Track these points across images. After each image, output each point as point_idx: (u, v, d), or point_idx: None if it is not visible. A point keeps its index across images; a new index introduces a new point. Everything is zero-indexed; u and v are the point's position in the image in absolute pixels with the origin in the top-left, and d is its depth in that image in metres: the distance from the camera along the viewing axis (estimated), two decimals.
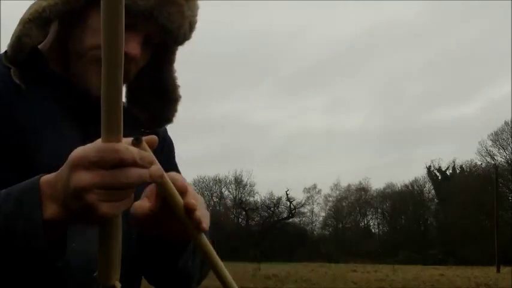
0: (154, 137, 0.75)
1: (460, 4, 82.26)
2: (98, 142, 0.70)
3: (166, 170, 0.86)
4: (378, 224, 59.33)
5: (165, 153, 1.21)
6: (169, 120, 1.19)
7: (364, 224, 59.69)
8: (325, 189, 74.41)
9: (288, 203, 54.50)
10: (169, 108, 1.18)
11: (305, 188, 58.82)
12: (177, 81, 1.18)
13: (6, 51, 1.02)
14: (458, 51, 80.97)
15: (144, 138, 0.72)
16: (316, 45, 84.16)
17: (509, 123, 46.84)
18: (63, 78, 1.04)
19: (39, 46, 1.05)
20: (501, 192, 43.34)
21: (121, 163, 0.68)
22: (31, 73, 1.02)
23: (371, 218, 59.23)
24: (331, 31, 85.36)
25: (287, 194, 53.80)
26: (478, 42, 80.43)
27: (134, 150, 0.70)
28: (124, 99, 1.18)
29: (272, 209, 53.92)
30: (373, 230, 59.36)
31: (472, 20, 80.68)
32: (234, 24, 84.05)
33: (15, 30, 1.00)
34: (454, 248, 45.53)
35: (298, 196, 63.10)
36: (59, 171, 0.74)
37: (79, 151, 0.70)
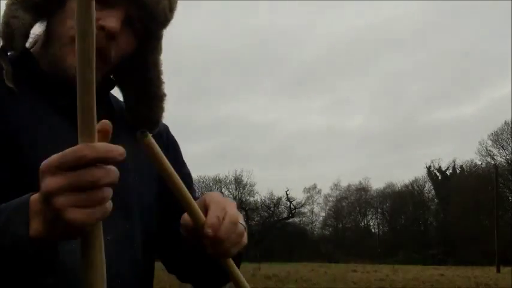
0: (106, 125, 0.69)
1: (460, 5, 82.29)
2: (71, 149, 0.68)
3: (176, 170, 0.89)
4: (378, 224, 59.40)
5: (171, 153, 1.18)
6: (154, 122, 1.12)
7: (364, 224, 59.72)
8: (325, 189, 74.47)
9: (288, 203, 54.52)
10: (153, 107, 1.12)
11: (305, 188, 58.85)
12: (162, 76, 1.12)
13: None
14: (459, 51, 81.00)
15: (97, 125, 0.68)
16: (317, 45, 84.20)
17: (509, 123, 46.90)
18: (54, 78, 1.01)
19: (31, 50, 1.04)
20: (501, 192, 43.35)
21: (81, 161, 0.66)
22: (23, 73, 1.00)
23: (371, 218, 59.31)
24: (332, 31, 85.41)
25: (287, 194, 53.85)
26: (478, 42, 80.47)
27: (100, 146, 0.67)
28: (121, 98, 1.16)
29: (272, 209, 53.92)
30: (373, 230, 59.41)
31: (473, 21, 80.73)
32: (236, 24, 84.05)
33: (1, 16, 0.99)
34: (454, 248, 45.54)
35: (298, 196, 63.13)
36: None
37: (46, 160, 0.69)
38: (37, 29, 1.05)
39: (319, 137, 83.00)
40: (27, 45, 1.05)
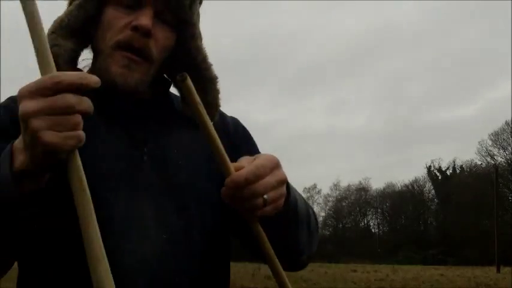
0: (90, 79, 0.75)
1: (461, 6, 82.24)
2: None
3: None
4: (378, 224, 59.40)
5: (243, 141, 1.20)
6: (214, 105, 1.13)
7: (364, 224, 59.73)
8: (325, 189, 74.40)
9: None
10: (211, 90, 1.13)
11: (305, 188, 58.86)
12: (208, 59, 1.14)
13: None
14: (460, 52, 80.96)
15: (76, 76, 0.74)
16: (319, 46, 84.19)
17: (510, 123, 46.90)
18: (104, 89, 1.02)
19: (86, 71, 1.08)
20: (501, 192, 43.36)
21: (58, 85, 0.72)
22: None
23: (371, 218, 59.32)
24: (334, 32, 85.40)
25: None
26: (479, 43, 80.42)
27: (75, 74, 0.74)
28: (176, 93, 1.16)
29: None
30: (373, 230, 59.40)
31: (473, 21, 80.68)
32: (238, 25, 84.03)
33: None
34: (454, 248, 45.53)
35: None
36: None
37: (22, 87, 0.74)
38: (87, 54, 1.09)
39: (320, 138, 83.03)
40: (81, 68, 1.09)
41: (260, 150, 1.23)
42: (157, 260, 0.96)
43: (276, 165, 0.91)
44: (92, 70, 1.07)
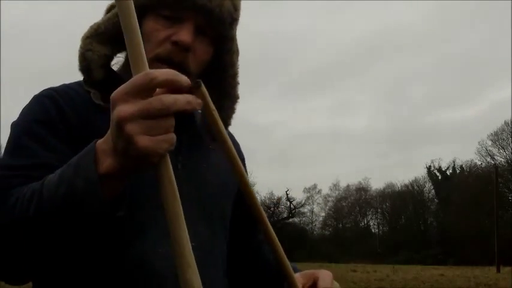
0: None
1: (463, 9, 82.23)
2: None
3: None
4: (378, 224, 59.38)
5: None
6: (225, 121, 1.11)
7: (364, 224, 59.71)
8: (325, 189, 74.42)
9: (288, 203, 54.51)
10: (227, 108, 1.13)
11: (305, 188, 58.81)
12: (237, 77, 1.14)
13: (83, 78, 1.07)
14: (462, 54, 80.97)
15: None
16: (322, 48, 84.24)
17: (509, 123, 46.89)
18: None
19: (117, 70, 1.10)
20: (501, 192, 43.35)
21: (151, 83, 0.69)
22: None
23: (371, 218, 59.29)
24: (338, 34, 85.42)
25: (287, 194, 53.85)
26: (482, 45, 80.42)
27: (168, 70, 0.72)
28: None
29: (272, 209, 53.85)
30: (373, 230, 59.38)
31: (474, 23, 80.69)
32: (241, 26, 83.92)
33: (78, 50, 1.06)
34: (454, 248, 45.52)
35: (298, 196, 63.11)
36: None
37: (115, 92, 0.72)
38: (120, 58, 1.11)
39: (321, 138, 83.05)
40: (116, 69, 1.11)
41: (261, 150, 1.25)
42: None
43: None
44: (126, 71, 1.05)
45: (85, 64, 1.04)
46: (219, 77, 1.12)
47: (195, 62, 1.05)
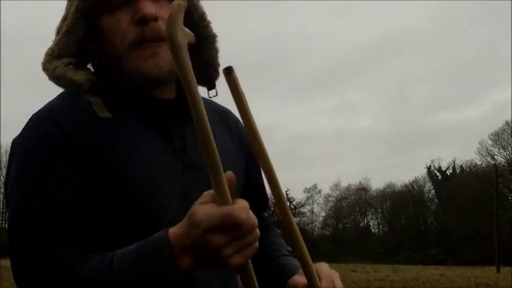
0: (231, 176, 0.82)
1: (465, 11, 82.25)
2: (214, 207, 0.80)
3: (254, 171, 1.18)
4: (378, 224, 59.36)
5: (246, 146, 1.19)
6: (214, 64, 1.11)
7: (364, 224, 59.69)
8: (325, 189, 74.42)
9: (288, 203, 54.39)
10: (208, 49, 1.10)
11: (305, 188, 58.79)
12: (206, 17, 1.11)
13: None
14: (463, 56, 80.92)
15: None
16: (325, 50, 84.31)
17: (510, 123, 46.88)
18: (135, 87, 1.03)
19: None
20: (501, 192, 43.32)
21: (239, 225, 0.80)
22: (112, 100, 1.02)
23: (371, 218, 59.25)
24: (341, 36, 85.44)
25: (287, 194, 53.76)
26: (484, 46, 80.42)
27: (245, 207, 0.81)
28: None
29: (272, 209, 53.79)
30: (373, 230, 59.37)
31: (477, 26, 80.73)
32: (244, 28, 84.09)
33: (49, 79, 1.03)
34: (454, 248, 45.50)
35: (298, 196, 63.11)
36: (183, 228, 0.84)
37: (204, 217, 0.80)
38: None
39: (321, 139, 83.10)
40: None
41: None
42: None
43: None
44: (113, 79, 1.04)
45: (64, 83, 1.01)
46: (189, 25, 1.07)
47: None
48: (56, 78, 1.01)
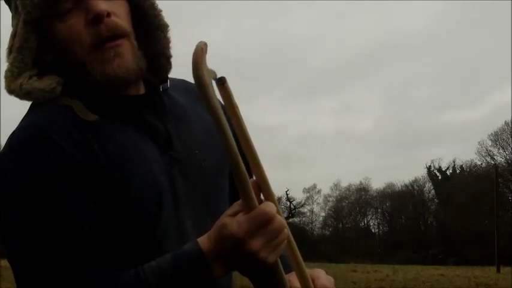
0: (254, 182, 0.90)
1: (467, 14, 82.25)
2: (244, 216, 0.86)
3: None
4: (378, 224, 59.32)
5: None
6: (165, 54, 1.06)
7: (364, 224, 59.65)
8: (325, 189, 74.40)
9: (288, 203, 54.47)
10: (160, 39, 1.06)
11: (305, 188, 58.71)
12: (156, 5, 1.06)
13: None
14: (465, 57, 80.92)
15: None
16: (328, 52, 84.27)
17: (509, 123, 46.87)
18: (106, 88, 1.00)
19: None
20: (501, 192, 43.31)
21: (270, 220, 0.86)
22: (88, 101, 0.99)
23: (371, 218, 59.21)
24: (344, 38, 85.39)
25: (287, 194, 53.81)
26: (484, 47, 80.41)
27: (272, 205, 0.88)
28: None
29: None
30: (373, 230, 59.33)
31: (478, 29, 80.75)
32: (247, 29, 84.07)
33: (19, 98, 0.99)
34: (454, 248, 45.48)
35: (298, 196, 62.99)
36: (216, 241, 0.88)
37: (238, 227, 0.85)
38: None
39: (323, 139, 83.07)
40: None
41: (264, 151, 1.24)
42: None
43: None
44: (80, 85, 1.00)
45: (37, 95, 0.97)
46: (139, 13, 1.05)
47: (122, 19, 0.99)
48: (26, 94, 0.97)
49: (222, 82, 0.84)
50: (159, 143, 1.02)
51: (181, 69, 1.12)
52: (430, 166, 55.43)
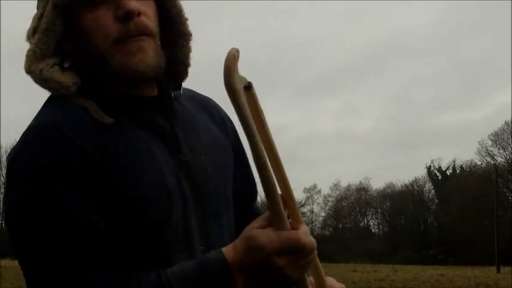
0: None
1: (468, 15, 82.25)
2: (275, 232, 0.87)
3: (242, 159, 1.18)
4: (378, 224, 59.36)
5: (233, 136, 1.19)
6: (185, 62, 1.08)
7: (364, 224, 59.68)
8: (325, 189, 74.40)
9: None
10: (181, 46, 1.07)
11: (305, 188, 58.70)
12: (183, 13, 1.08)
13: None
14: (465, 59, 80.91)
15: None
16: (330, 53, 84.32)
17: (510, 123, 46.87)
18: (123, 86, 1.00)
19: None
20: (501, 192, 43.32)
21: (301, 249, 0.88)
22: (102, 102, 0.99)
23: (371, 218, 59.25)
24: (345, 39, 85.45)
25: None
26: (484, 50, 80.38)
27: (305, 230, 0.90)
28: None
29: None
30: (373, 230, 59.36)
31: (479, 31, 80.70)
32: (246, 30, 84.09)
33: (34, 81, 0.99)
34: (454, 248, 45.48)
35: (298, 196, 62.97)
36: (242, 252, 0.89)
37: (268, 242, 0.87)
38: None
39: (324, 140, 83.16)
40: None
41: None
42: None
43: None
44: (98, 81, 1.01)
45: (53, 85, 0.97)
46: (165, 19, 1.06)
47: (150, 20, 1.00)
48: (44, 81, 0.98)
49: (248, 87, 0.83)
50: (169, 145, 1.02)
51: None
52: (430, 166, 55.52)
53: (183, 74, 1.09)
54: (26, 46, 1.01)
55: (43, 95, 1.04)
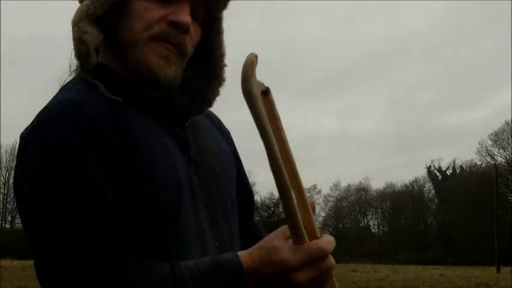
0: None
1: (470, 18, 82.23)
2: (298, 247, 0.88)
3: (240, 168, 1.19)
4: (378, 224, 59.33)
5: (231, 144, 1.22)
6: (209, 101, 1.09)
7: (364, 224, 59.67)
8: (325, 190, 74.37)
9: None
10: (211, 87, 1.09)
11: (305, 188, 58.67)
12: (224, 59, 1.11)
13: (81, 68, 1.01)
14: (466, 59, 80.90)
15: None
16: (331, 54, 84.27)
17: (510, 123, 46.86)
18: (140, 82, 1.00)
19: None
20: (501, 192, 43.30)
21: (323, 257, 0.89)
22: (113, 86, 1.00)
23: (371, 218, 59.24)
24: (347, 41, 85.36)
25: None
26: (485, 50, 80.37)
27: (329, 242, 0.90)
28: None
29: (272, 209, 53.81)
30: (373, 230, 59.33)
31: (480, 32, 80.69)
32: (248, 31, 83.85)
33: (72, 35, 0.98)
34: (454, 248, 45.48)
35: None
36: (260, 261, 0.89)
37: (290, 256, 0.87)
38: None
39: (325, 141, 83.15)
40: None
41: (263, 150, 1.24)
42: None
43: None
44: (113, 60, 1.01)
45: (84, 48, 0.97)
46: (207, 58, 1.09)
47: (191, 43, 1.02)
48: (82, 42, 0.97)
49: (266, 93, 0.82)
50: (179, 144, 1.03)
51: None
52: (430, 166, 55.51)
53: (202, 111, 1.11)
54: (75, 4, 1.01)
55: (43, 95, 1.03)
